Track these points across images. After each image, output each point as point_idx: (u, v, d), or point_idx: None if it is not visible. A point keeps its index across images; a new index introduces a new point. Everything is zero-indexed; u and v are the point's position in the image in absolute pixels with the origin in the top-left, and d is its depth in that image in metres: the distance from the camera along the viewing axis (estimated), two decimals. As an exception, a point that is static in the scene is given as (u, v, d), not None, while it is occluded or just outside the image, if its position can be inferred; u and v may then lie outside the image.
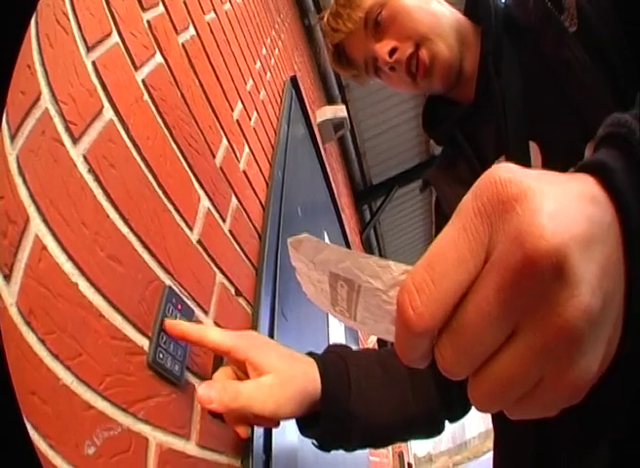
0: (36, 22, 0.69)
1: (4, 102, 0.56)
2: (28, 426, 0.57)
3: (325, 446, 0.92)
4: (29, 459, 0.53)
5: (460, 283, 0.34)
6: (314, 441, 0.91)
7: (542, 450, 0.76)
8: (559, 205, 0.34)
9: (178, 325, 0.84)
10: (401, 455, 10.18)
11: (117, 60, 0.88)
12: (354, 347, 3.22)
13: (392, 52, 0.99)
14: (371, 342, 4.77)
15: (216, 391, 0.75)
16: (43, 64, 0.69)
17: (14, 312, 0.58)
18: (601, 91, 0.71)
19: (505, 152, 0.87)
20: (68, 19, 0.77)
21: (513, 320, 0.33)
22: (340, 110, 3.99)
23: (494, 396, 0.36)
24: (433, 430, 1.02)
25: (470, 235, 0.34)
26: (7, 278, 0.58)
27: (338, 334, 2.62)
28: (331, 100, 4.93)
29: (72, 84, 0.75)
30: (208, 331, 0.84)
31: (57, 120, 0.70)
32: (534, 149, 0.81)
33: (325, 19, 1.13)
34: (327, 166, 3.49)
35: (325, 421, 0.87)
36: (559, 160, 0.69)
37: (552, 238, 0.31)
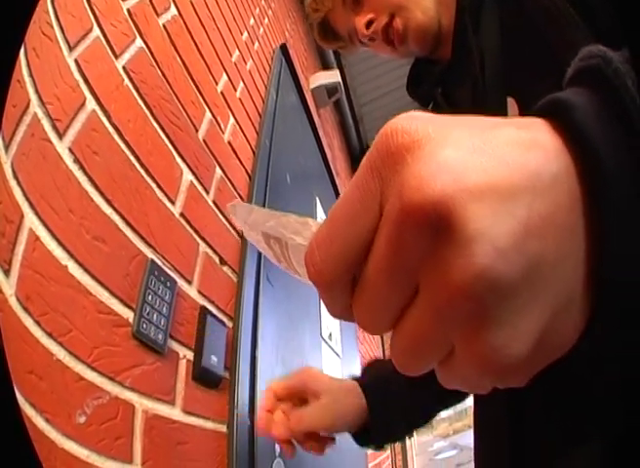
0: (24, 41, 0.74)
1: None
2: (27, 404, 0.64)
3: (381, 446, 1.05)
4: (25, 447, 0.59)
5: (355, 238, 0.31)
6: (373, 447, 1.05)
7: (520, 445, 0.73)
8: (464, 152, 0.29)
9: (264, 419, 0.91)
10: (402, 423, 10.18)
11: (98, 53, 0.92)
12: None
13: (369, 24, 1.02)
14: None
15: (278, 419, 0.87)
16: (31, 75, 0.75)
17: (13, 302, 0.65)
18: (585, 43, 0.63)
19: (481, 109, 0.84)
20: (52, 27, 0.82)
21: (410, 276, 0.30)
22: (333, 75, 3.97)
23: (406, 355, 0.32)
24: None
25: (362, 191, 0.31)
26: (7, 272, 0.65)
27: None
28: (326, 66, 4.86)
29: (57, 84, 0.80)
30: (274, 386, 0.93)
31: (44, 121, 0.76)
32: (511, 105, 0.79)
33: (306, 1, 1.17)
34: (320, 131, 3.49)
35: (375, 434, 1.00)
36: None
37: (431, 188, 0.27)
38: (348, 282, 0.34)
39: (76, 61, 0.86)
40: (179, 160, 1.15)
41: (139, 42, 1.07)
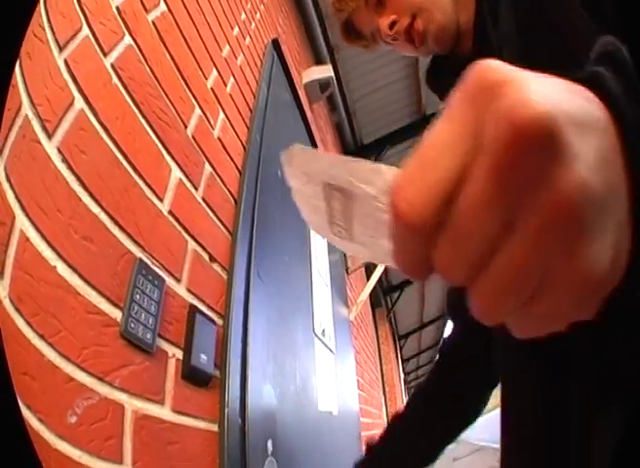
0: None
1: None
2: (22, 405, 0.64)
3: None
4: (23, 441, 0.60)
5: (452, 169, 0.32)
6: None
7: (551, 413, 0.77)
8: (547, 88, 0.31)
9: None
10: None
11: (87, 52, 0.92)
12: (342, 309, 3.28)
13: (392, 24, 1.08)
14: (360, 302, 4.79)
15: None
16: (23, 77, 0.75)
17: (7, 303, 0.65)
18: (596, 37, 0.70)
19: None
20: (44, 29, 0.82)
21: (509, 205, 0.31)
22: (326, 70, 3.96)
23: (497, 299, 0.32)
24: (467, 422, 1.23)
25: (457, 121, 0.32)
26: (0, 275, 0.65)
27: (323, 297, 2.66)
28: (319, 61, 4.86)
29: (47, 85, 0.80)
30: None
31: (34, 122, 0.76)
32: None
33: (331, 1, 1.21)
34: (313, 126, 3.49)
35: None
36: None
37: (542, 105, 0.29)
38: (437, 223, 0.33)
39: (65, 61, 0.86)
40: (167, 157, 1.15)
41: (127, 39, 1.07)
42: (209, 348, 1.16)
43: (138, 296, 0.91)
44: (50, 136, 0.79)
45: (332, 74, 3.94)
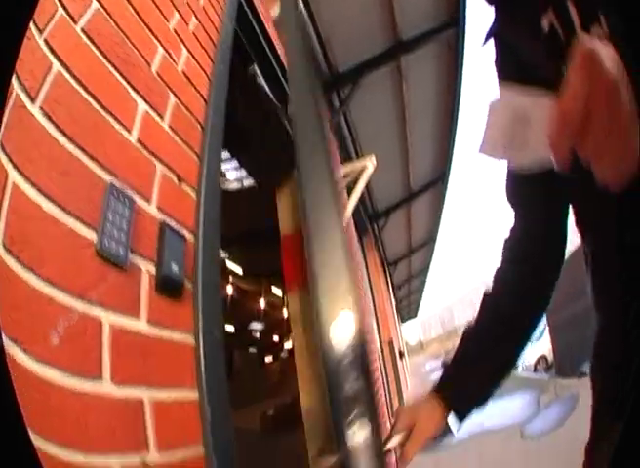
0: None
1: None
2: (10, 341, 0.71)
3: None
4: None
5: (584, 102, 0.61)
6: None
7: None
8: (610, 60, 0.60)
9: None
10: (391, 344, 10.19)
11: (62, 25, 1.05)
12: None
13: None
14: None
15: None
16: (17, 75, 0.88)
17: (1, 249, 0.76)
18: None
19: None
20: (31, 30, 0.94)
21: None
22: (293, 1, 4.01)
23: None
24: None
25: (583, 82, 0.60)
26: None
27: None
28: (289, -4, 4.86)
29: (31, 62, 0.93)
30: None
31: (23, 95, 0.90)
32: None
33: None
34: (284, 59, 3.55)
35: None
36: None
37: (613, 75, 0.59)
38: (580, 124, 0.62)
39: (45, 41, 0.98)
40: (132, 93, 1.26)
41: (94, 4, 1.18)
42: (179, 259, 1.23)
43: (110, 216, 1.00)
44: (33, 101, 0.91)
45: (301, 5, 3.98)
